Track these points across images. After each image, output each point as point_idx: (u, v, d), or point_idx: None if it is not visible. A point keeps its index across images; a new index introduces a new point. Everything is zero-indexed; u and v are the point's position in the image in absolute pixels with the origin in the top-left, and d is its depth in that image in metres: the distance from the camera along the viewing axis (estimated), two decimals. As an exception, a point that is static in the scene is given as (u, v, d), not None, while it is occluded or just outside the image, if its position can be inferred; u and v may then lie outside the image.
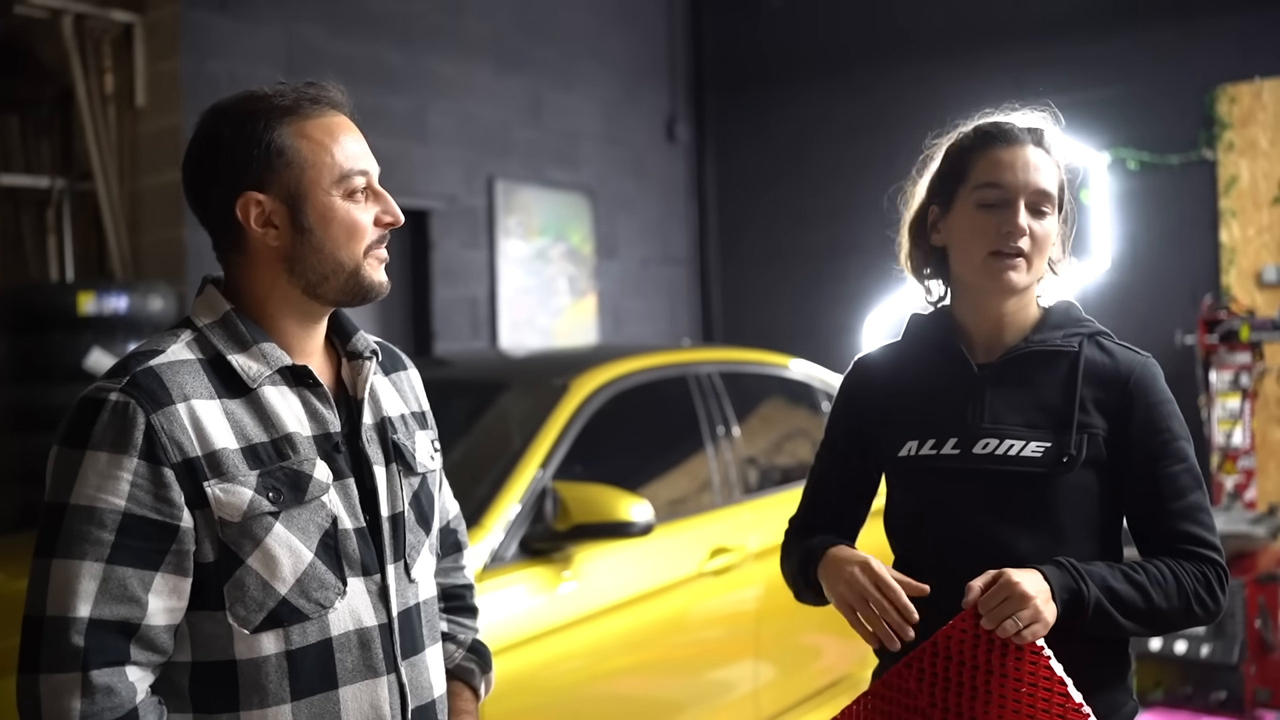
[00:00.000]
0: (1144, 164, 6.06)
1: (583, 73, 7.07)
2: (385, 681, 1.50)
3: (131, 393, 1.38)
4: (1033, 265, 1.71)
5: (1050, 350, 1.74)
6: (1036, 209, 1.70)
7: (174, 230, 5.14)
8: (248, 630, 1.41)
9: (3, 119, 5.41)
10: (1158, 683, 4.86)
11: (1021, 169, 1.70)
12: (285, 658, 1.43)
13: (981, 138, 1.76)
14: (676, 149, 7.73)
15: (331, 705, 1.45)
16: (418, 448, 1.63)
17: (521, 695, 2.97)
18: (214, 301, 1.52)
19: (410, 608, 1.56)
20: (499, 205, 6.48)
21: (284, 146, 1.47)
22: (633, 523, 3.12)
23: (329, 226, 1.48)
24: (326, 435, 1.50)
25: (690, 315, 7.79)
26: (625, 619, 3.30)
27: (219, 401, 1.43)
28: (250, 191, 1.47)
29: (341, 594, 1.46)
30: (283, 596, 1.42)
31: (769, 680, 3.77)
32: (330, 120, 1.51)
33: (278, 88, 1.51)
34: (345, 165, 1.49)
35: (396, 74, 5.98)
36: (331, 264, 1.49)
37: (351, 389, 1.58)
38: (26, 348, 4.70)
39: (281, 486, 1.43)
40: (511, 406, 3.68)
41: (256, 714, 1.42)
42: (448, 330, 6.22)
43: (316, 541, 1.45)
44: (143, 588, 1.36)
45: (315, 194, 1.47)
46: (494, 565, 3.01)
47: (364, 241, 1.51)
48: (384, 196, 1.55)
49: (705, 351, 4.34)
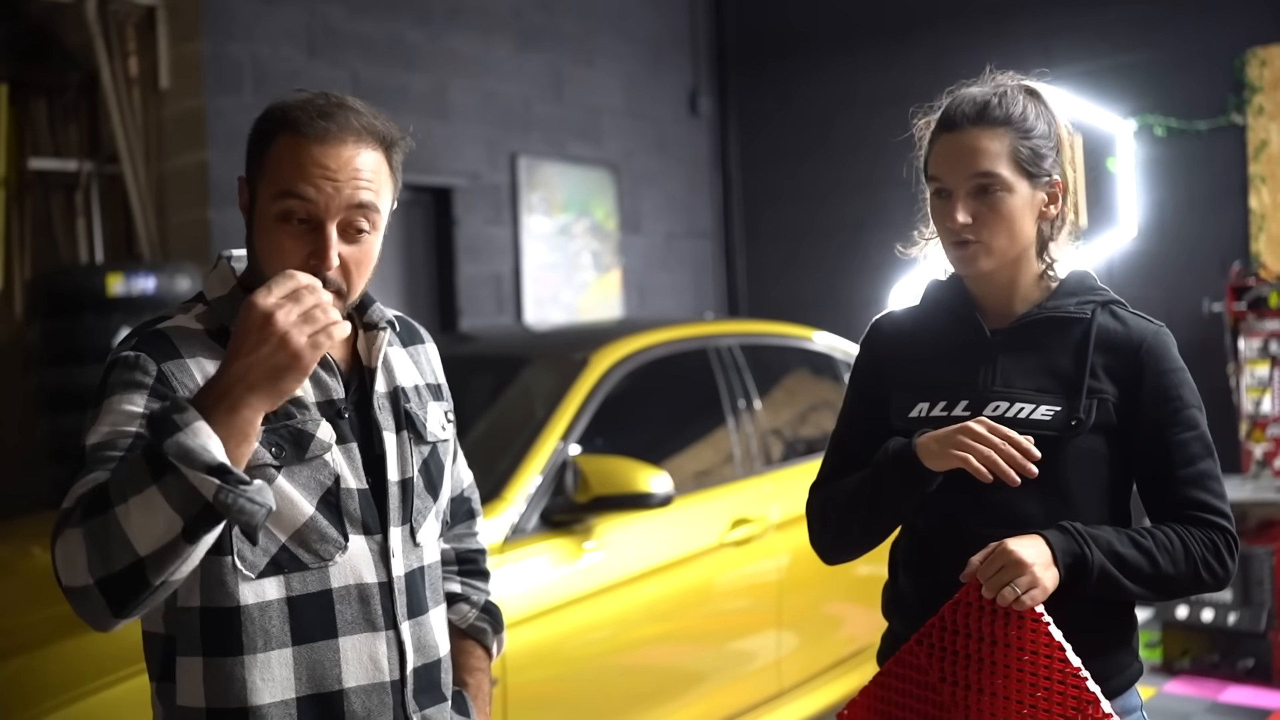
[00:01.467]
0: (1171, 130, 6.00)
1: (604, 47, 7.06)
2: (384, 637, 1.56)
3: (142, 348, 1.46)
4: (993, 248, 1.71)
5: (1063, 317, 1.75)
6: (982, 190, 1.70)
7: (199, 211, 5.19)
8: (252, 575, 1.48)
9: (31, 104, 5.46)
10: (1185, 651, 4.85)
11: (956, 158, 1.70)
12: (286, 604, 1.49)
13: (935, 125, 1.77)
14: (699, 123, 7.71)
15: (331, 653, 1.52)
16: (429, 417, 1.69)
17: (543, 666, 3.00)
18: (224, 277, 1.59)
19: (415, 570, 1.62)
20: (522, 182, 6.50)
21: (268, 147, 1.49)
22: (652, 494, 3.14)
23: (259, 236, 1.50)
24: (330, 402, 1.56)
25: (715, 289, 7.79)
26: (647, 590, 3.33)
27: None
28: (243, 176, 1.55)
29: (342, 549, 1.53)
30: (283, 543, 1.49)
31: (791, 650, 3.79)
32: (318, 147, 1.46)
33: (310, 96, 1.50)
34: (286, 184, 1.46)
35: (417, 52, 5.99)
36: (266, 274, 1.44)
37: (365, 358, 1.63)
38: (57, 329, 4.76)
39: (284, 443, 1.49)
40: (533, 381, 3.71)
41: (260, 657, 1.48)
42: (472, 307, 6.25)
43: (318, 498, 1.51)
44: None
45: (261, 199, 1.50)
46: (515, 537, 3.05)
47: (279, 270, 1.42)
48: (324, 239, 1.46)
49: (726, 324, 4.34)
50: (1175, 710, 4.45)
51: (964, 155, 1.70)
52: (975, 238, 1.70)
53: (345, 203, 1.47)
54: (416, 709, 1.59)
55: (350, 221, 1.48)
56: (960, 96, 1.76)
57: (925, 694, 1.66)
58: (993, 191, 1.69)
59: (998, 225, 1.70)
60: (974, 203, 1.70)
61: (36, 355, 4.86)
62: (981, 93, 1.75)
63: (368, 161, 1.49)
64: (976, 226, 1.70)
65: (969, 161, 1.70)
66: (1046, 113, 1.77)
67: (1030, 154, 1.71)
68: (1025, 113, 1.73)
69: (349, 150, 1.48)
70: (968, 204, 1.70)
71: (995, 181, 1.69)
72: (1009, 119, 1.71)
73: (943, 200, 1.73)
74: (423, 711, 1.60)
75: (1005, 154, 1.70)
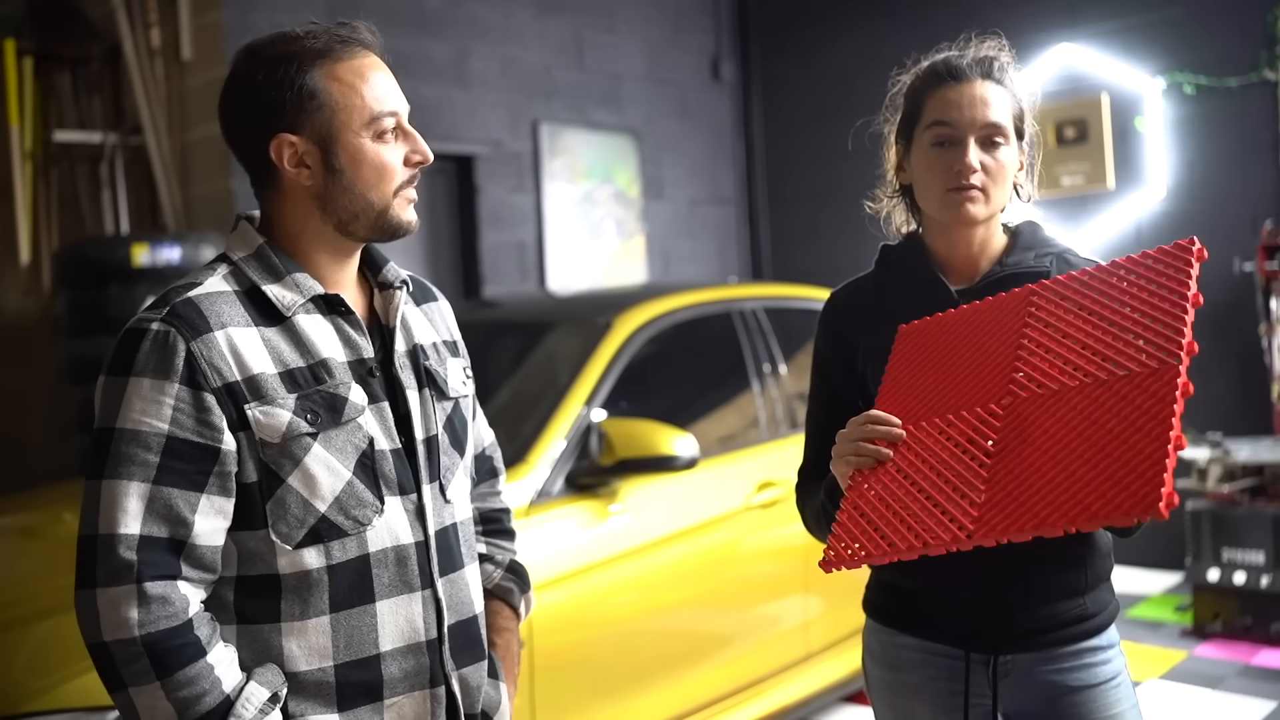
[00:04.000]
0: (1201, 88, 5.91)
1: (625, 13, 7.01)
2: (420, 597, 1.55)
3: (171, 322, 1.43)
4: (991, 197, 1.75)
5: (1025, 271, 1.79)
6: (989, 141, 1.74)
7: (223, 181, 5.20)
8: (290, 546, 1.46)
9: (55, 77, 5.48)
10: (1216, 614, 4.82)
11: (969, 105, 1.74)
12: (326, 571, 1.48)
13: (931, 76, 1.80)
14: (722, 88, 7.66)
15: (369, 618, 1.50)
16: (449, 373, 1.68)
17: (569, 629, 3.01)
18: (248, 236, 1.56)
19: (447, 527, 1.61)
20: (544, 149, 6.48)
21: (316, 89, 1.49)
22: (676, 457, 3.13)
23: (359, 168, 1.51)
24: (360, 360, 1.55)
25: (739, 255, 7.76)
26: (672, 553, 3.33)
27: (256, 329, 1.48)
28: (284, 133, 1.50)
29: (379, 512, 1.51)
30: (322, 514, 1.47)
31: (818, 613, 3.79)
32: (361, 61, 1.53)
33: (310, 28, 1.53)
34: (375, 107, 1.51)
35: (437, 19, 5.97)
36: (362, 203, 1.53)
37: (384, 318, 1.62)
38: (84, 300, 4.79)
39: (319, 409, 1.48)
40: (557, 345, 3.70)
41: (297, 625, 1.47)
42: (496, 275, 6.25)
43: (354, 461, 1.50)
44: (189, 508, 1.41)
45: (346, 136, 1.50)
46: (540, 500, 3.05)
47: (394, 182, 1.54)
48: (413, 136, 1.56)
49: (749, 288, 4.32)
50: (1207, 674, 4.43)
51: (976, 104, 1.74)
52: (980, 184, 1.74)
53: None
54: (454, 667, 1.58)
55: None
56: (961, 54, 1.81)
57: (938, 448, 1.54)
58: (998, 143, 1.75)
59: (1000, 176, 1.75)
60: (980, 152, 1.74)
61: (64, 326, 4.90)
62: (984, 52, 1.81)
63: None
64: (980, 175, 1.74)
65: (981, 110, 1.74)
66: (1023, 83, 1.84)
67: (1020, 112, 1.79)
68: (1015, 77, 1.81)
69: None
70: (976, 152, 1.74)
71: (1001, 132, 1.75)
72: (1006, 80, 1.78)
73: (945, 148, 1.75)
74: (460, 670, 1.59)
75: (1007, 109, 1.77)
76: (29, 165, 5.31)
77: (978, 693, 1.77)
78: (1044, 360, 1.53)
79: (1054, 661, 1.75)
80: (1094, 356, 1.47)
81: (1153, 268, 1.53)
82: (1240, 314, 5.74)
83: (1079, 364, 1.48)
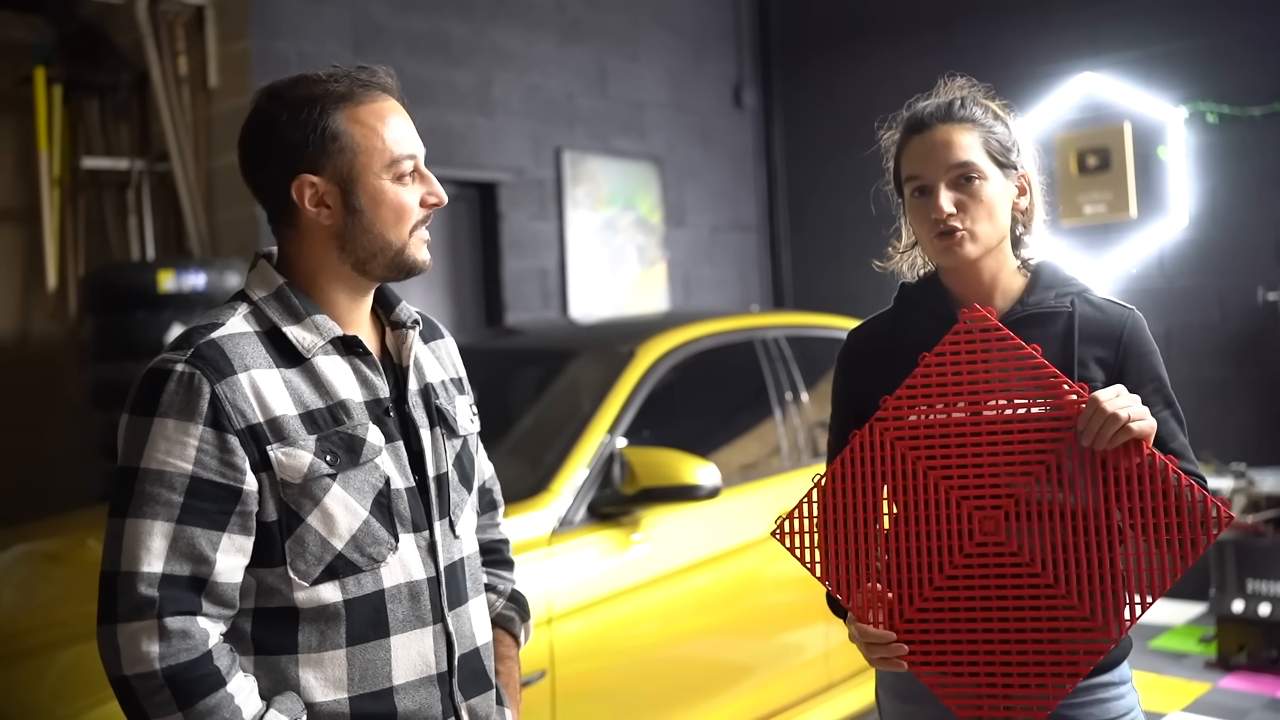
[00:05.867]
0: (1224, 117, 5.90)
1: (647, 41, 7.05)
2: (432, 631, 1.58)
3: (196, 364, 1.46)
4: (978, 235, 1.77)
5: (1046, 311, 1.81)
6: (961, 181, 1.76)
7: (248, 208, 5.24)
8: (306, 583, 1.49)
9: (84, 104, 5.55)
10: (1241, 646, 4.78)
11: (931, 152, 1.78)
12: (342, 606, 1.51)
13: (903, 132, 1.85)
14: (744, 115, 7.69)
15: (383, 653, 1.53)
16: (458, 412, 1.72)
17: (591, 658, 3.01)
18: (267, 275, 1.59)
19: (455, 562, 1.64)
20: (567, 176, 6.51)
21: (338, 132, 1.53)
22: (699, 486, 3.13)
23: (379, 208, 1.55)
24: (377, 401, 1.58)
25: (761, 282, 7.77)
26: (694, 582, 3.33)
27: (277, 371, 1.51)
28: (305, 174, 1.54)
29: (394, 549, 1.54)
30: (339, 551, 1.50)
31: (840, 642, 3.77)
32: (381, 105, 1.57)
33: (331, 71, 1.57)
34: (395, 150, 1.56)
35: (461, 47, 6.02)
36: (380, 243, 1.56)
37: (396, 357, 1.65)
38: (110, 326, 4.83)
39: (338, 450, 1.51)
40: (579, 374, 3.71)
41: (314, 656, 1.50)
42: (518, 301, 6.27)
43: (371, 500, 1.53)
44: (210, 547, 1.44)
45: (367, 177, 1.54)
46: (562, 529, 3.05)
47: (410, 222, 1.58)
48: (429, 178, 1.61)
49: (772, 316, 4.33)
50: (1232, 706, 4.39)
51: (939, 149, 1.77)
52: (960, 225, 1.76)
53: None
54: (463, 699, 1.61)
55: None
56: (925, 104, 1.85)
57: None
58: (971, 179, 1.77)
59: (979, 211, 1.77)
60: (954, 193, 1.77)
61: (90, 351, 4.93)
62: (945, 97, 1.84)
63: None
64: (960, 215, 1.76)
65: (944, 154, 1.77)
66: (1002, 115, 1.85)
67: (999, 145, 1.79)
68: (986, 113, 1.82)
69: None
70: (949, 195, 1.76)
71: (972, 169, 1.77)
72: (973, 117, 1.80)
73: (923, 197, 1.79)
74: (468, 701, 1.62)
75: (977, 144, 1.78)
76: (57, 191, 5.37)
77: None
78: (1054, 482, 1.64)
79: (1067, 697, 1.75)
80: (1083, 540, 1.61)
81: (1182, 506, 1.59)
82: (1264, 343, 5.71)
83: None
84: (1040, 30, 6.35)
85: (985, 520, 1.64)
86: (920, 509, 1.67)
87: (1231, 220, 5.92)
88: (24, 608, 2.86)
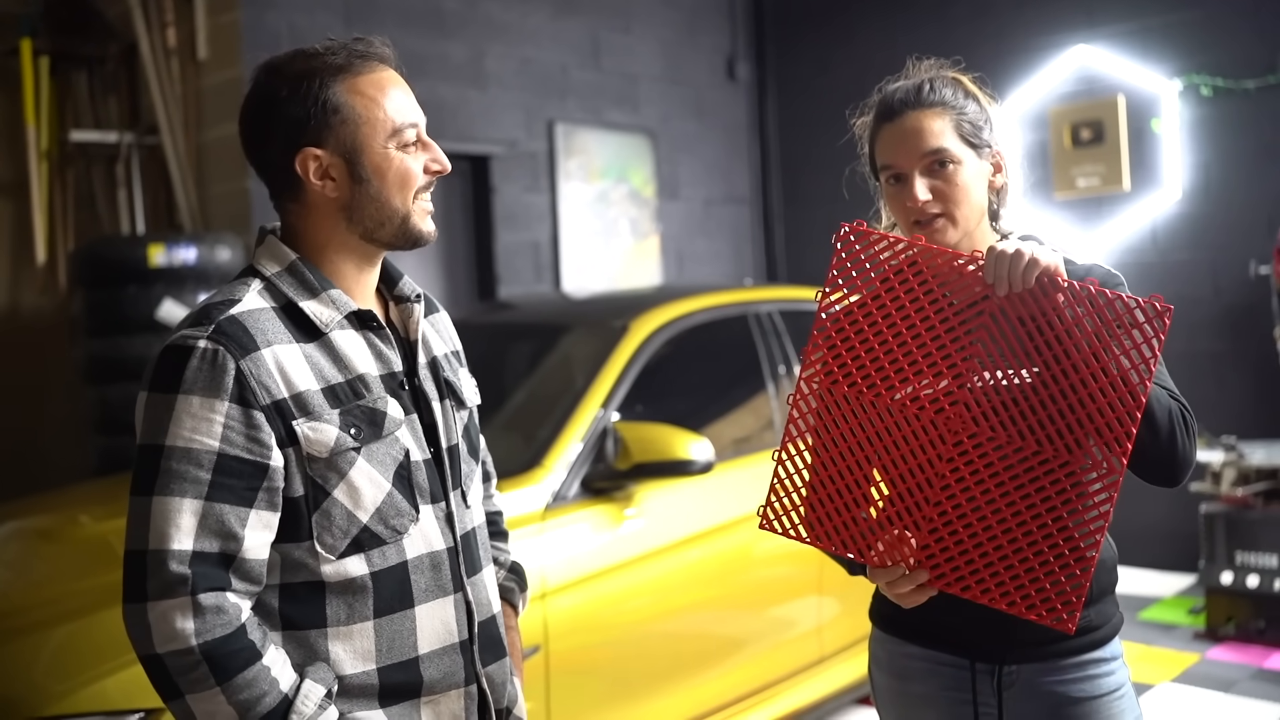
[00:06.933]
0: (1218, 90, 5.88)
1: (641, 13, 7.01)
2: (453, 600, 1.60)
3: (219, 340, 1.45)
4: (957, 219, 1.77)
5: None
6: (935, 167, 1.76)
7: (239, 181, 5.21)
8: (334, 556, 1.50)
9: (71, 77, 5.50)
10: (1229, 617, 4.81)
11: (902, 141, 1.77)
12: (370, 578, 1.52)
13: (875, 119, 1.85)
14: (737, 88, 7.65)
15: (409, 623, 1.55)
16: (464, 384, 1.74)
17: (585, 632, 3.02)
18: (278, 251, 1.59)
19: (469, 531, 1.67)
20: (559, 149, 6.48)
21: (339, 104, 1.54)
22: (693, 461, 3.14)
23: (385, 176, 1.56)
24: (392, 374, 1.59)
25: (754, 255, 7.75)
26: (688, 556, 3.33)
27: (298, 346, 1.52)
28: (309, 147, 1.54)
29: (415, 520, 1.56)
30: (364, 524, 1.51)
31: (832, 616, 3.79)
32: (380, 75, 1.58)
33: (328, 44, 1.57)
34: (398, 119, 1.57)
35: (454, 19, 5.97)
36: (387, 210, 1.57)
37: (403, 331, 1.66)
38: (100, 300, 4.80)
39: (360, 423, 1.52)
40: (573, 348, 3.71)
41: (343, 629, 1.51)
42: (511, 275, 6.25)
43: (393, 473, 1.54)
44: (239, 523, 1.44)
45: (371, 147, 1.55)
46: (556, 504, 3.06)
47: (414, 188, 1.59)
48: (432, 145, 1.62)
49: (765, 290, 4.32)
50: (1219, 677, 4.42)
51: (910, 137, 1.77)
52: (938, 211, 1.76)
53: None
54: (482, 666, 1.64)
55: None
56: (891, 89, 1.84)
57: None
58: (945, 164, 1.76)
59: (957, 195, 1.76)
60: (929, 180, 1.77)
61: (80, 326, 4.91)
62: (911, 81, 1.83)
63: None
64: (936, 201, 1.76)
65: (917, 141, 1.77)
66: (970, 93, 1.84)
67: (970, 126, 1.79)
68: (955, 94, 1.81)
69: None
70: (924, 182, 1.76)
71: (946, 155, 1.76)
72: (943, 100, 1.79)
73: (898, 185, 1.79)
74: (487, 669, 1.65)
75: (949, 129, 1.78)
76: (45, 165, 5.33)
77: (985, 702, 1.79)
78: (997, 358, 1.61)
79: (1058, 673, 1.77)
80: (1046, 393, 1.59)
81: (1121, 321, 1.56)
82: (1256, 316, 5.72)
83: (1032, 386, 1.59)
84: (1034, 3, 6.32)
85: (950, 420, 1.61)
86: (888, 438, 1.65)
87: (1225, 194, 5.92)
88: (16, 585, 2.86)
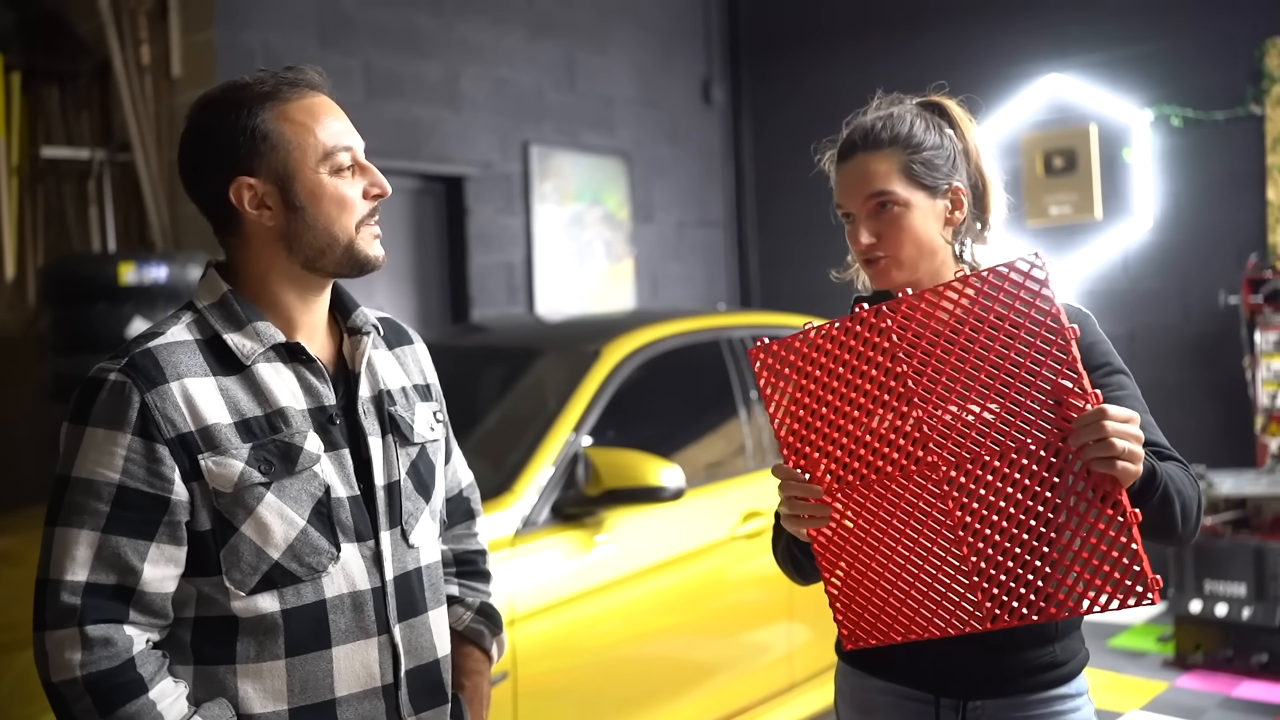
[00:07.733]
0: (1188, 120, 5.95)
1: (617, 36, 7.03)
2: (376, 642, 1.56)
3: (128, 373, 1.46)
4: (902, 260, 1.77)
5: None
6: (879, 207, 1.77)
7: (211, 200, 5.18)
8: (243, 593, 1.48)
9: (43, 92, 5.46)
10: (1198, 645, 4.83)
11: (851, 184, 1.79)
12: (281, 616, 1.49)
13: (833, 160, 1.86)
14: (712, 112, 7.68)
15: (325, 664, 1.52)
16: (416, 419, 1.69)
17: (554, 658, 3.00)
18: (213, 284, 1.58)
19: (409, 572, 1.62)
20: (534, 171, 6.48)
21: (269, 131, 1.52)
22: (663, 488, 3.13)
23: (320, 203, 1.54)
24: (321, 408, 1.56)
25: (728, 279, 7.77)
26: (658, 582, 3.32)
27: (214, 379, 1.50)
28: (241, 176, 1.53)
29: (335, 559, 1.53)
30: (275, 560, 1.49)
31: (803, 642, 3.78)
32: (311, 101, 1.56)
33: (258, 75, 1.57)
34: (329, 143, 1.55)
35: (429, 40, 5.97)
36: (326, 238, 1.55)
37: (350, 363, 1.64)
38: (70, 318, 4.76)
39: (273, 458, 1.49)
40: (545, 372, 3.70)
41: (253, 667, 1.49)
42: (484, 296, 6.24)
43: (309, 509, 1.51)
44: (137, 556, 1.44)
45: (303, 173, 1.53)
46: (526, 529, 3.04)
47: (355, 216, 1.56)
48: (370, 170, 1.59)
49: (738, 316, 4.33)
50: (1188, 705, 4.43)
51: (855, 180, 1.79)
52: (883, 253, 1.77)
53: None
54: (411, 711, 1.59)
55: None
56: (852, 127, 1.84)
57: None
58: (889, 208, 1.76)
59: (900, 238, 1.76)
60: (874, 222, 1.77)
61: (49, 343, 4.86)
62: (870, 119, 1.83)
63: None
64: (881, 244, 1.77)
65: (860, 185, 1.78)
66: (937, 125, 1.82)
67: (922, 167, 1.77)
68: (912, 130, 1.79)
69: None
70: (869, 224, 1.77)
71: (889, 198, 1.76)
72: (895, 139, 1.78)
73: (850, 224, 1.80)
74: (418, 715, 1.61)
75: (895, 171, 1.77)
76: (15, 181, 5.29)
77: None
78: (940, 395, 1.57)
79: (1023, 708, 1.76)
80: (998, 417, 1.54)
81: (1011, 292, 1.52)
82: (1224, 346, 5.77)
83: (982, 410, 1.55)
84: (1007, 31, 6.38)
85: (934, 465, 1.58)
86: (894, 508, 1.62)
87: (1195, 223, 5.98)
88: (-23, 607, 2.82)
